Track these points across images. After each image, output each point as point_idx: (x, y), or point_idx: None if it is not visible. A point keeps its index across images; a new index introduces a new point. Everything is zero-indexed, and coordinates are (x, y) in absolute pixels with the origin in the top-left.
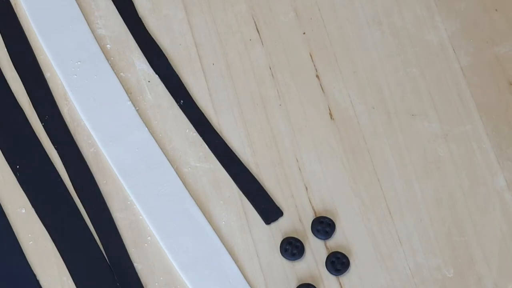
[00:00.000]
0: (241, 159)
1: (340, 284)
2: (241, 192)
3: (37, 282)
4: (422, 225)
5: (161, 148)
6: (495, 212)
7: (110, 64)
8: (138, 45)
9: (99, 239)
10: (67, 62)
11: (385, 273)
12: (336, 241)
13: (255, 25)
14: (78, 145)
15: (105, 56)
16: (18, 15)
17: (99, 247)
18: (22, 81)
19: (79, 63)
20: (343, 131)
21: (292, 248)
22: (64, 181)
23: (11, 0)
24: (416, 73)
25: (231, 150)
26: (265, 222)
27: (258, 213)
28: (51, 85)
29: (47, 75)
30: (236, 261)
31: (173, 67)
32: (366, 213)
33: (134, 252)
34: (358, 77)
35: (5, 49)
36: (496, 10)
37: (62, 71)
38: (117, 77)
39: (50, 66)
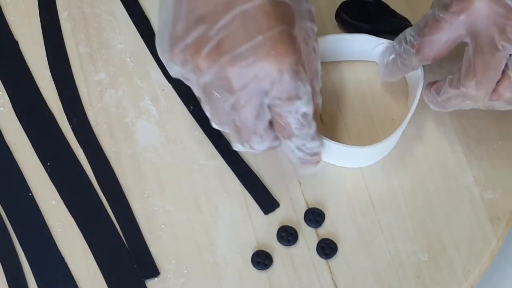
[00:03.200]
0: (243, 158)
1: (329, 266)
2: (243, 186)
3: (65, 264)
4: (400, 215)
5: (173, 148)
6: (464, 204)
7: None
8: (154, 58)
9: (119, 227)
10: None
11: (368, 257)
12: (326, 229)
13: None
14: (101, 145)
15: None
16: (63, 32)
17: (120, 234)
18: (57, 88)
19: None
20: (332, 133)
21: (287, 235)
22: (89, 177)
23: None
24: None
25: (235, 150)
26: (264, 212)
27: (258, 204)
28: (80, 92)
29: (78, 83)
30: (237, 246)
31: None
32: (352, 205)
33: (150, 238)
34: (345, 87)
35: (47, 62)
36: None
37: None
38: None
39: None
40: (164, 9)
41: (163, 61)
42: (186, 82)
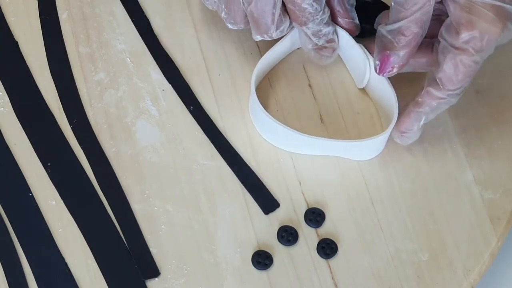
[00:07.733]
0: (243, 158)
1: (329, 266)
2: (243, 187)
3: (65, 264)
4: (400, 214)
5: (173, 148)
6: (464, 203)
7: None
8: (154, 58)
9: (119, 227)
10: None
11: (369, 257)
12: (326, 229)
13: (255, 41)
14: (101, 145)
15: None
16: (63, 32)
17: (120, 234)
18: (57, 88)
19: None
20: (332, 133)
21: (287, 235)
22: (89, 177)
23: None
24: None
25: (235, 150)
26: (264, 212)
27: (258, 204)
28: (80, 92)
29: (77, 83)
30: (238, 246)
31: (184, 78)
32: (352, 205)
33: (150, 238)
34: (345, 87)
35: (47, 62)
36: None
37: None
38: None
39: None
40: None
41: None
42: None
